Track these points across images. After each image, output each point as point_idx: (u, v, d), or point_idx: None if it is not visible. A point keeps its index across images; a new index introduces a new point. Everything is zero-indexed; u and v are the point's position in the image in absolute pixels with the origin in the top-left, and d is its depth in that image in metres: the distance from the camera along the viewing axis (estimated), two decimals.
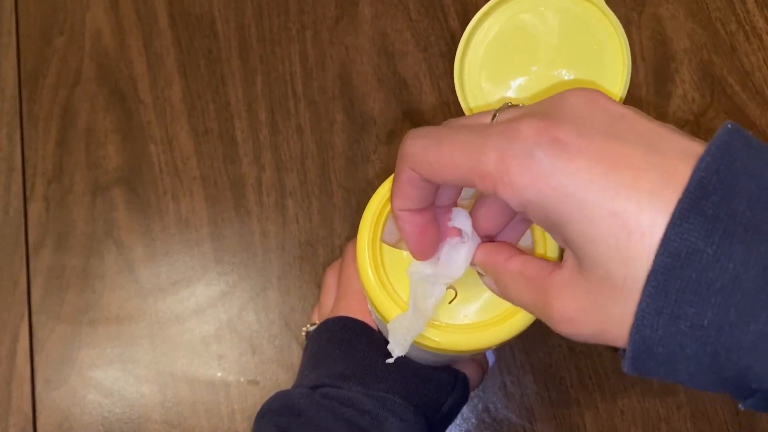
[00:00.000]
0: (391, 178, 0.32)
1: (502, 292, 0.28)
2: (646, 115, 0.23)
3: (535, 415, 0.48)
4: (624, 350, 0.22)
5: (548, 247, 0.30)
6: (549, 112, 0.23)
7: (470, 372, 0.40)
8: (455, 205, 0.30)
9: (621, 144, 0.21)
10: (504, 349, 0.49)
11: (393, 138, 0.54)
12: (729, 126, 0.21)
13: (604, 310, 0.22)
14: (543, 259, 0.27)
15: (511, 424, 0.48)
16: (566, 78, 0.32)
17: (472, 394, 0.49)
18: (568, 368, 0.49)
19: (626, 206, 0.20)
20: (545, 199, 0.22)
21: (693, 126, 0.52)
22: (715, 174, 0.20)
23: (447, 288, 0.30)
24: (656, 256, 0.20)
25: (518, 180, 0.22)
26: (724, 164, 0.20)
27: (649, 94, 0.53)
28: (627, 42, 0.30)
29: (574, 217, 0.21)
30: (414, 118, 0.54)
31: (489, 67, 0.32)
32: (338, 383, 0.36)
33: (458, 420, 0.48)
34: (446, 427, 0.40)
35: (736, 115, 0.52)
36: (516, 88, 0.32)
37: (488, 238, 0.30)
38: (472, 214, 0.29)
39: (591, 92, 0.23)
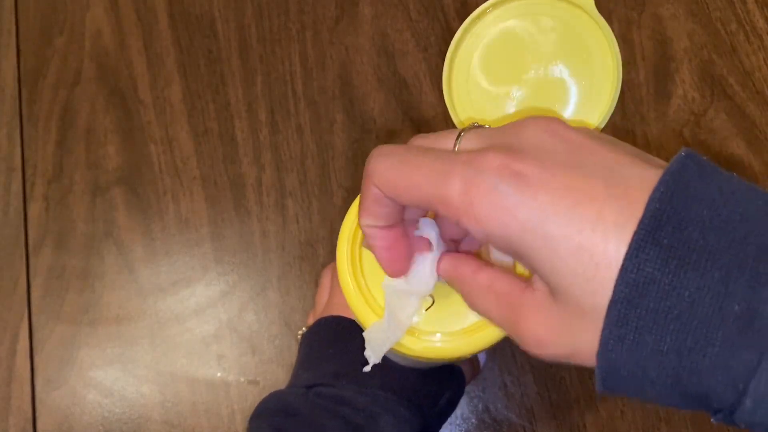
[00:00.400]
0: None
1: (469, 304, 0.28)
2: (604, 140, 0.24)
3: (535, 415, 0.48)
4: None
5: None
6: (512, 143, 0.23)
7: (463, 367, 0.41)
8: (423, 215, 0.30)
9: (583, 176, 0.22)
10: (504, 349, 0.49)
11: (393, 138, 0.54)
12: (683, 153, 0.22)
13: (574, 335, 0.22)
14: (513, 274, 0.27)
15: (511, 424, 0.48)
16: (558, 85, 0.32)
17: (472, 394, 0.49)
18: (568, 368, 0.49)
19: (592, 239, 0.21)
20: (510, 233, 0.22)
21: (693, 126, 0.52)
22: (669, 203, 0.20)
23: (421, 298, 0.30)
24: (615, 287, 0.20)
25: (482, 213, 0.22)
26: (677, 192, 0.21)
27: (649, 94, 0.53)
28: (617, 48, 0.30)
29: (541, 251, 0.22)
30: (414, 118, 0.54)
31: (479, 75, 0.32)
32: (332, 382, 0.36)
33: (458, 420, 0.48)
34: (444, 420, 0.40)
35: (736, 115, 0.52)
36: (506, 96, 0.32)
37: (455, 243, 0.29)
38: (436, 219, 0.29)
39: (550, 122, 0.24)
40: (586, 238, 0.21)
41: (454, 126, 0.33)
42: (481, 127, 0.26)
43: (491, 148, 0.23)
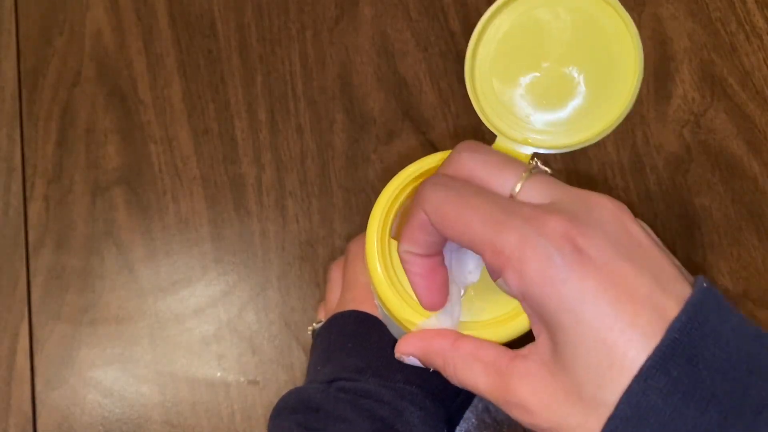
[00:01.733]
0: (401, 173, 0.32)
1: (450, 375, 0.27)
2: (659, 246, 0.24)
3: None
4: None
5: None
6: (579, 214, 0.24)
7: None
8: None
9: (633, 274, 0.22)
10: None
11: (393, 138, 0.54)
12: (704, 284, 0.23)
13: (563, 412, 0.23)
14: (497, 344, 0.27)
15: (511, 424, 0.48)
16: (576, 76, 0.31)
17: None
18: None
19: (618, 340, 0.22)
20: (547, 302, 0.23)
21: (693, 126, 0.52)
22: (687, 336, 0.21)
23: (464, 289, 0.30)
24: (618, 403, 0.21)
25: (529, 275, 0.23)
26: (695, 327, 0.21)
27: (649, 94, 0.53)
28: (640, 43, 0.30)
29: (567, 329, 0.22)
30: (414, 118, 0.54)
31: (499, 64, 0.32)
32: (354, 376, 0.36)
33: None
34: (464, 411, 0.40)
35: (736, 115, 0.52)
36: (526, 85, 0.32)
37: (420, 258, 0.28)
38: (402, 231, 0.28)
39: (621, 209, 0.24)
40: (614, 337, 0.22)
41: (454, 126, 0.33)
42: (545, 173, 0.26)
43: (556, 211, 0.24)
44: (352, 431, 0.33)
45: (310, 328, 0.45)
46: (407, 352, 0.29)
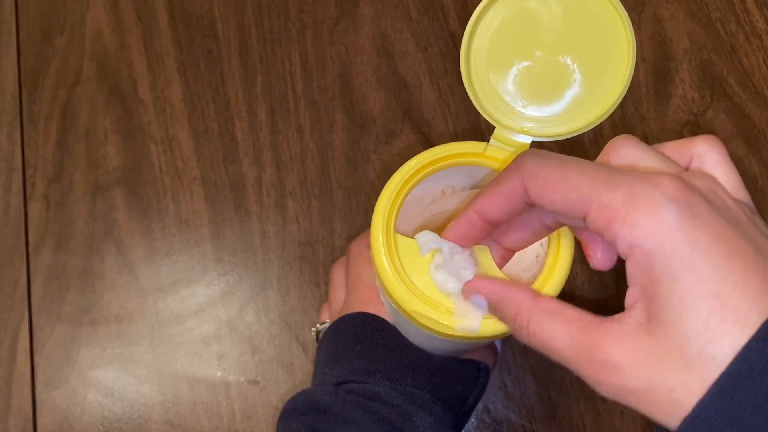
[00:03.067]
0: (403, 167, 0.32)
1: (524, 328, 0.27)
2: (756, 221, 0.24)
3: (535, 415, 0.48)
4: (659, 427, 0.23)
5: (561, 255, 0.30)
6: (683, 177, 0.24)
7: (486, 357, 0.40)
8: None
9: (739, 237, 0.22)
10: (504, 349, 0.49)
11: (393, 138, 0.54)
12: None
13: (658, 372, 0.22)
14: (583, 310, 0.26)
15: (511, 424, 0.48)
16: (570, 64, 0.32)
17: None
18: (569, 368, 0.49)
19: (732, 293, 0.21)
20: (659, 252, 0.22)
21: (693, 126, 0.53)
22: None
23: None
24: (734, 359, 0.21)
25: (642, 223, 0.22)
26: None
27: (649, 94, 0.53)
28: (632, 29, 0.30)
29: (678, 280, 0.22)
30: (414, 118, 0.54)
31: (494, 56, 0.32)
32: (363, 378, 0.36)
33: None
34: (469, 417, 0.40)
35: (736, 115, 0.53)
36: (518, 74, 0.32)
37: (488, 224, 0.29)
38: (476, 198, 0.29)
39: (718, 184, 0.25)
40: (727, 289, 0.21)
41: (453, 126, 0.33)
42: (639, 143, 0.26)
43: (663, 173, 0.24)
44: None
45: (314, 329, 0.44)
46: (481, 291, 0.29)
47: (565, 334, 0.25)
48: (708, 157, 0.27)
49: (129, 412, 0.49)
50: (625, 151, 0.27)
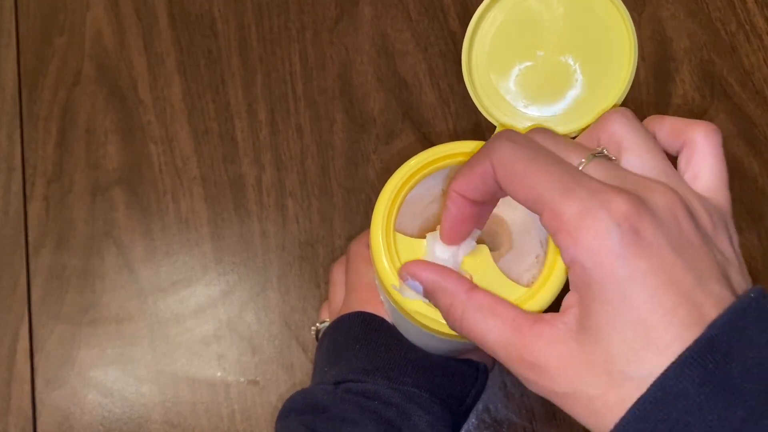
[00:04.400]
0: (403, 167, 0.32)
1: (458, 322, 0.28)
2: (710, 246, 0.25)
3: (535, 415, 0.48)
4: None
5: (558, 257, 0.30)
6: (641, 197, 0.24)
7: (485, 358, 0.40)
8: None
9: (680, 267, 0.23)
10: None
11: (393, 138, 0.54)
12: (752, 294, 0.24)
13: (585, 382, 0.24)
14: (514, 305, 0.27)
15: (511, 424, 0.48)
16: (571, 64, 0.32)
17: None
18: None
19: (658, 323, 0.23)
20: (596, 273, 0.23)
21: None
22: (726, 336, 0.22)
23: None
24: (652, 385, 0.22)
25: (584, 242, 0.23)
26: (734, 330, 0.23)
27: (649, 94, 0.53)
28: (634, 29, 0.30)
29: (610, 302, 0.23)
30: (414, 118, 0.54)
31: (495, 56, 0.32)
32: (362, 377, 0.36)
33: None
34: (467, 417, 0.40)
35: (736, 115, 0.52)
36: (519, 74, 0.32)
37: (472, 204, 0.29)
38: (455, 178, 0.29)
39: (675, 204, 0.25)
40: (654, 319, 0.23)
41: (454, 126, 0.33)
42: (608, 158, 0.27)
43: (620, 191, 0.24)
44: None
45: (314, 328, 0.44)
46: (416, 276, 0.29)
47: (497, 332, 0.26)
48: (700, 147, 0.27)
49: (129, 412, 0.49)
50: (615, 127, 0.28)
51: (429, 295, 0.29)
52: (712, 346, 0.22)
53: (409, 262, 0.30)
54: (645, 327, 0.23)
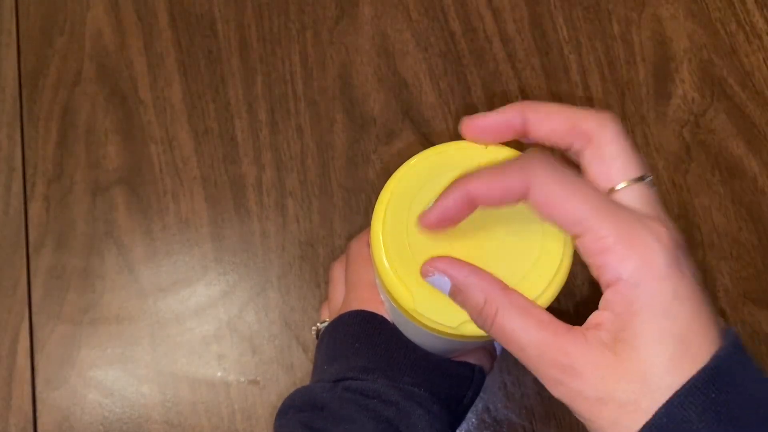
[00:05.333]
0: (403, 166, 0.32)
1: (488, 314, 0.27)
2: (704, 294, 0.26)
3: (535, 415, 0.48)
4: None
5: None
6: (670, 228, 0.26)
7: (483, 360, 0.40)
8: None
9: (701, 291, 0.25)
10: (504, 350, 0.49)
11: (393, 138, 0.54)
12: (733, 337, 0.26)
13: (618, 387, 0.25)
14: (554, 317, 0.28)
15: (511, 424, 0.48)
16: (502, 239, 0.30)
17: None
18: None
19: (694, 339, 0.25)
20: (642, 290, 0.25)
21: (693, 126, 0.52)
22: (727, 367, 0.24)
23: None
24: (656, 413, 0.24)
25: (633, 260, 0.25)
26: (734, 363, 0.25)
27: (649, 94, 0.53)
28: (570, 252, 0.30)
29: (655, 318, 0.25)
30: (414, 118, 0.54)
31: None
32: (361, 376, 0.36)
33: None
34: (463, 418, 0.40)
35: (736, 115, 0.53)
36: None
37: (472, 206, 0.28)
38: (472, 180, 0.28)
39: (680, 249, 0.26)
40: (691, 336, 0.25)
41: (454, 126, 0.33)
42: (652, 185, 0.28)
43: (657, 218, 0.26)
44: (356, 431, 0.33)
45: (314, 327, 0.44)
46: (447, 272, 0.29)
47: (534, 332, 0.26)
48: (603, 139, 0.27)
49: (129, 412, 0.49)
50: (538, 180, 0.27)
51: (457, 292, 0.29)
52: (715, 376, 0.24)
53: (435, 257, 0.29)
54: (684, 342, 0.24)
